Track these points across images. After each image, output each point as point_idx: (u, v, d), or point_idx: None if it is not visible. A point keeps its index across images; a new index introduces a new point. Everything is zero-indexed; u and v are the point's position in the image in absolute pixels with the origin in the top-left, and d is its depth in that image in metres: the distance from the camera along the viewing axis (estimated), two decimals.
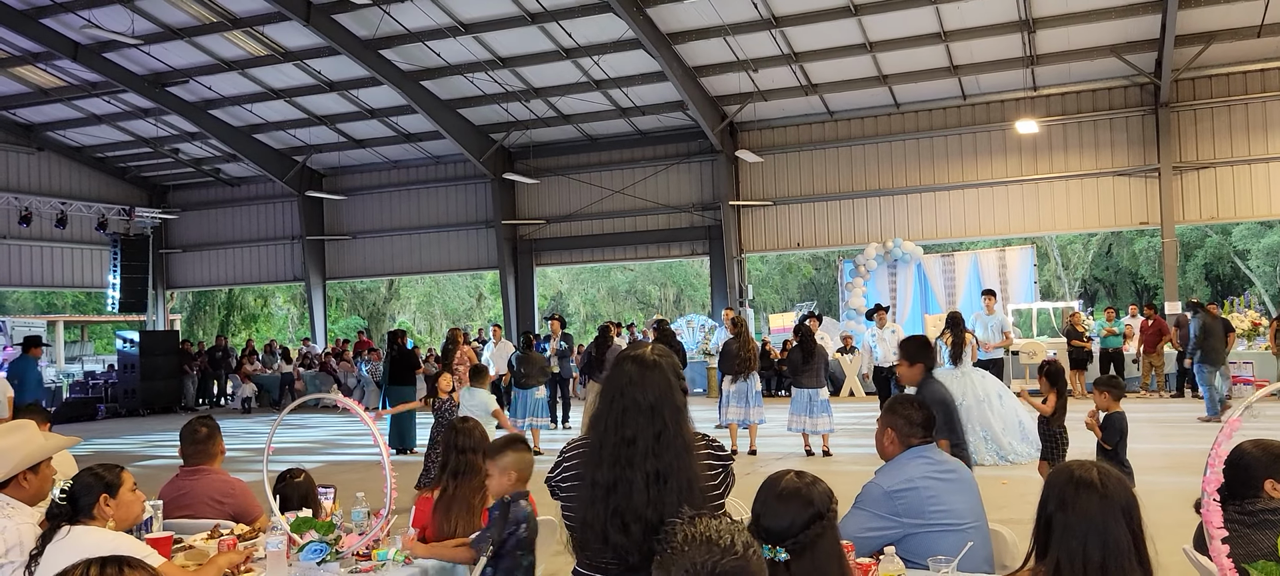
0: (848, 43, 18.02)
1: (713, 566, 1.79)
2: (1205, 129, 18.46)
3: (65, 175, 25.26)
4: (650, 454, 2.76)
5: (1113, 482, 2.42)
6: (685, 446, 2.80)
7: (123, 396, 21.77)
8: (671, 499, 2.69)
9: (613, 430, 2.81)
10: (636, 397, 2.81)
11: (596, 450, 2.84)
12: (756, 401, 11.53)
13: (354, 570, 3.72)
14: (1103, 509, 2.38)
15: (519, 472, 3.82)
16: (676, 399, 2.84)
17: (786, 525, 2.35)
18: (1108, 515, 2.38)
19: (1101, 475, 2.45)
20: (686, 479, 2.75)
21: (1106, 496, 2.40)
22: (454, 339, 13.72)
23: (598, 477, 2.80)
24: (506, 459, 3.83)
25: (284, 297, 40.79)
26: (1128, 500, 2.41)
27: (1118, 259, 36.53)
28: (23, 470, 3.51)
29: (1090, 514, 2.38)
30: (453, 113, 21.40)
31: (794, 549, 2.33)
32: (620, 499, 2.75)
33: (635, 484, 2.74)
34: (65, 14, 18.50)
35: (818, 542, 2.35)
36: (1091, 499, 2.40)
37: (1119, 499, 2.40)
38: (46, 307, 36.08)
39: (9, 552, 3.33)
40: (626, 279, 40.45)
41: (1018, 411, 10.45)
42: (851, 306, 20.36)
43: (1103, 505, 2.39)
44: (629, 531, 2.73)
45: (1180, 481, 8.52)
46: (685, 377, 3.18)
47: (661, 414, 2.80)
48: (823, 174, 21.20)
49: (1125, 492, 2.40)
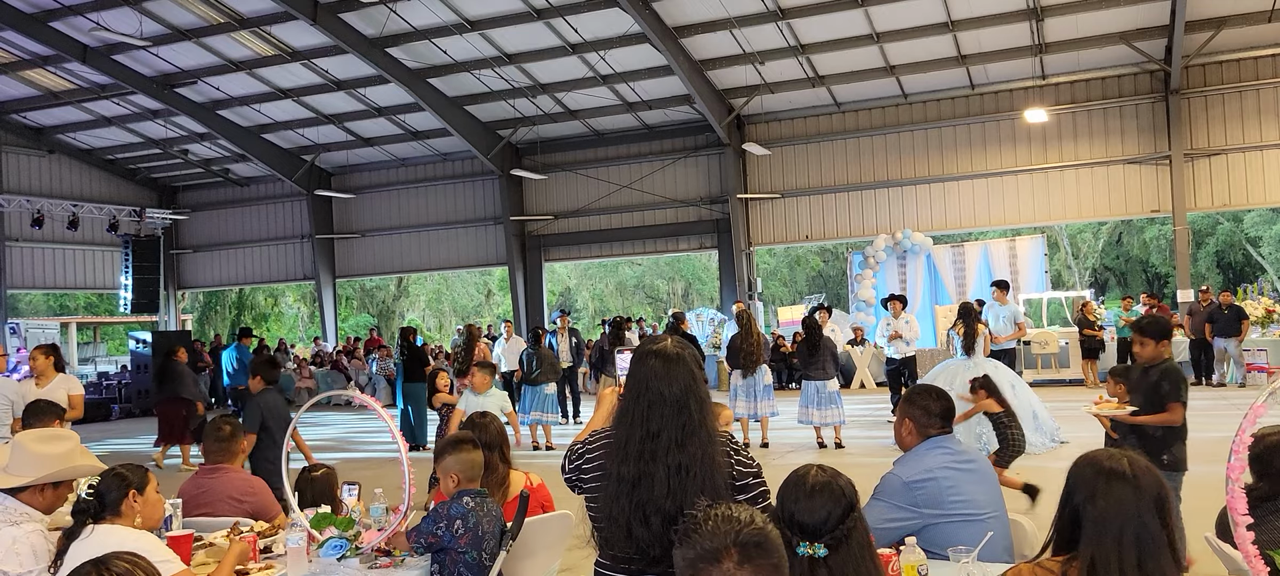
0: (854, 33, 17.96)
1: (735, 535, 1.80)
2: (1216, 115, 18.36)
3: (76, 177, 25.38)
4: (675, 446, 2.76)
5: (1143, 472, 2.32)
6: (709, 437, 2.81)
7: (136, 397, 21.87)
8: (693, 490, 2.70)
9: (638, 424, 2.81)
10: (662, 391, 2.81)
11: (621, 445, 2.84)
12: (766, 394, 11.53)
13: (373, 565, 3.73)
14: (1136, 499, 2.28)
15: (462, 473, 3.80)
16: (701, 390, 2.85)
17: (823, 519, 2.32)
18: (1141, 506, 2.28)
19: (1132, 464, 2.35)
20: (709, 470, 2.76)
21: (1139, 487, 2.30)
22: (471, 335, 13.71)
23: (623, 472, 2.81)
24: (447, 461, 3.83)
25: (294, 296, 40.91)
26: (1159, 490, 2.31)
27: (1128, 247, 36.38)
28: (49, 482, 3.50)
29: (1124, 505, 2.28)
30: (460, 110, 21.41)
31: (832, 543, 2.30)
32: (644, 492, 2.76)
33: (657, 476, 2.75)
34: (74, 17, 18.57)
35: (852, 535, 2.33)
36: (1125, 490, 2.30)
37: (1150, 489, 2.30)
38: (60, 309, 36.26)
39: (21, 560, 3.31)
40: (635, 273, 40.46)
41: (1031, 402, 10.43)
42: (861, 298, 20.33)
43: (1136, 496, 2.29)
44: (650, 524, 2.74)
45: (1199, 470, 8.49)
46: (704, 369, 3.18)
47: (687, 406, 2.80)
48: (831, 166, 21.16)
49: (1156, 482, 2.31)
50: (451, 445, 3.87)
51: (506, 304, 31.11)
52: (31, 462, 3.43)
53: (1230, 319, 15.53)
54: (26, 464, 3.43)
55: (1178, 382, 5.35)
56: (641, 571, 2.82)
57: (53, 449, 3.48)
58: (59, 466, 3.47)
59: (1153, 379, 5.43)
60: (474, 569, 3.62)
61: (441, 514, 3.64)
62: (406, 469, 3.72)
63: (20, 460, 3.44)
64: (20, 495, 3.43)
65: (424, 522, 3.64)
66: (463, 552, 3.60)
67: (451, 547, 3.60)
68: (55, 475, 3.47)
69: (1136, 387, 5.58)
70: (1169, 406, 5.32)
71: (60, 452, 3.49)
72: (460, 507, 3.65)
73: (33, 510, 3.44)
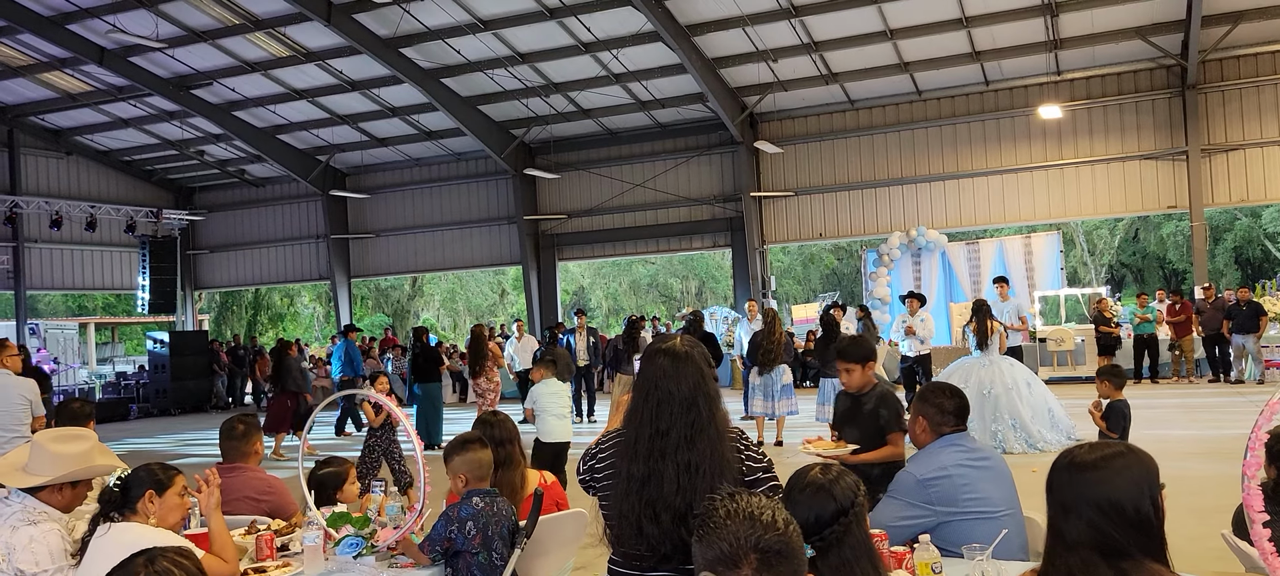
0: (868, 30, 17.91)
1: (756, 541, 1.78)
2: (1233, 110, 18.21)
3: (94, 179, 25.59)
4: (683, 444, 2.79)
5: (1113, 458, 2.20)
6: (718, 434, 2.83)
7: (154, 396, 22.05)
8: (702, 487, 2.71)
9: (648, 422, 2.84)
10: (671, 390, 2.84)
11: (631, 443, 2.87)
12: (784, 393, 11.49)
13: (390, 563, 3.75)
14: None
15: (469, 472, 3.80)
16: (710, 388, 2.87)
17: (811, 520, 2.31)
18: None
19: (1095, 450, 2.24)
20: (718, 467, 2.78)
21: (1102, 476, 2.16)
22: (479, 336, 13.72)
23: (633, 471, 2.83)
24: (455, 462, 3.83)
25: (310, 296, 41.12)
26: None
27: (1145, 243, 36.12)
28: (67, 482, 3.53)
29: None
30: (473, 109, 21.47)
31: (820, 545, 2.30)
32: (653, 490, 2.78)
33: (667, 475, 2.77)
34: (91, 19, 18.72)
35: (844, 538, 2.32)
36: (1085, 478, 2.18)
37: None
38: (78, 310, 36.53)
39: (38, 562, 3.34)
40: (648, 272, 40.46)
41: (1047, 399, 10.38)
42: (875, 296, 20.27)
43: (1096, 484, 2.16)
44: (660, 521, 2.76)
45: (1216, 467, 8.45)
46: (715, 367, 3.19)
47: (696, 404, 2.82)
48: (844, 163, 21.10)
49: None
50: (459, 445, 3.88)
51: (520, 303, 31.17)
52: (50, 462, 3.46)
53: (1248, 315, 15.41)
54: (45, 463, 3.46)
55: (897, 409, 4.80)
56: (653, 569, 2.84)
57: (71, 448, 3.50)
58: (77, 466, 3.49)
59: (868, 408, 4.83)
60: (486, 569, 3.64)
61: (452, 516, 3.65)
62: (422, 467, 3.74)
63: (39, 459, 3.47)
64: (39, 494, 3.46)
65: (436, 529, 3.65)
66: (475, 554, 3.62)
67: (465, 549, 3.61)
68: (73, 474, 3.49)
69: (850, 420, 4.91)
70: (890, 437, 4.74)
71: (79, 452, 3.52)
72: (470, 508, 3.66)
73: (51, 509, 3.47)
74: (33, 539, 3.33)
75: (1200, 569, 2.70)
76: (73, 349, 27.97)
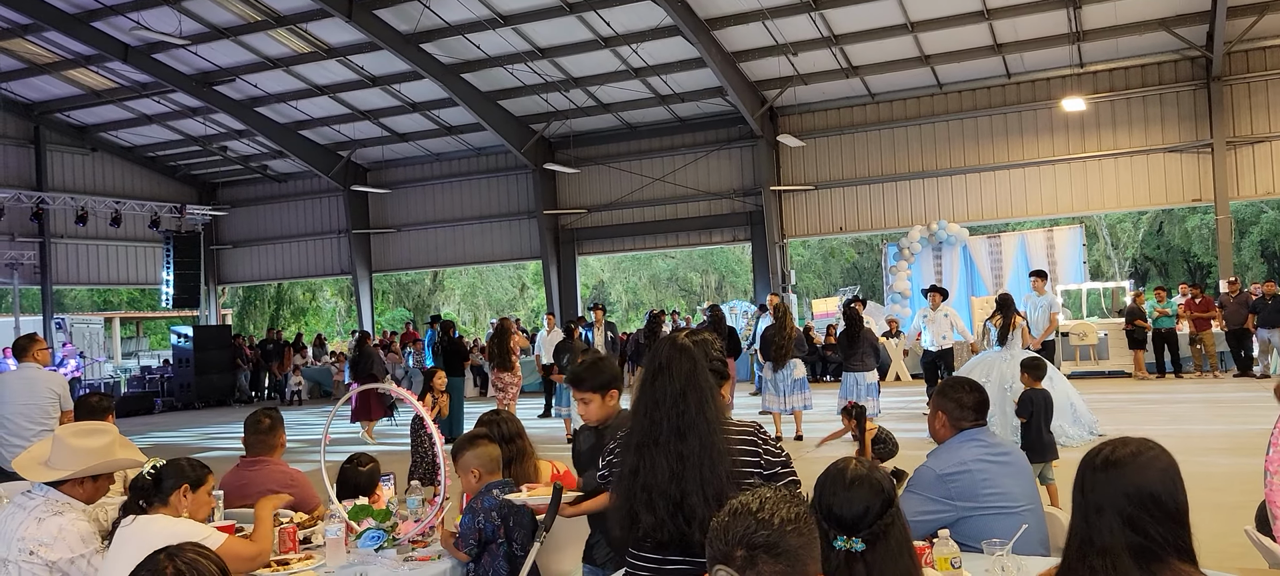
0: (888, 23, 17.81)
1: (742, 535, 1.76)
2: (1259, 102, 17.99)
3: (118, 175, 25.85)
4: (675, 436, 2.88)
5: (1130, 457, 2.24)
6: (710, 427, 2.90)
7: (178, 390, 22.28)
8: (693, 475, 2.82)
9: (643, 415, 2.96)
10: (665, 383, 2.94)
11: (628, 435, 3.01)
12: (798, 388, 11.46)
13: (410, 556, 3.79)
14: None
15: (481, 466, 3.83)
16: (702, 381, 2.95)
17: (861, 512, 2.26)
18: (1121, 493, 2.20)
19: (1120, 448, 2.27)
20: (710, 460, 2.86)
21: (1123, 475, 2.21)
22: (504, 328, 13.71)
23: (629, 461, 2.96)
24: (465, 457, 3.86)
25: (331, 291, 41.39)
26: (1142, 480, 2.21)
27: (1169, 237, 35.73)
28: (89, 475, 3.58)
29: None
30: (493, 104, 21.53)
31: (870, 538, 2.24)
32: (645, 478, 2.89)
33: (659, 464, 2.87)
34: (115, 16, 18.91)
35: (891, 530, 2.27)
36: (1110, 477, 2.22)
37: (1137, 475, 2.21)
38: (103, 304, 36.97)
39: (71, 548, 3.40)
40: (668, 266, 40.44)
41: (1069, 394, 10.30)
42: (896, 290, 20.18)
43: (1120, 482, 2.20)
44: (655, 509, 2.86)
45: (1239, 463, 8.37)
46: (729, 361, 3.24)
47: (686, 397, 2.91)
48: (865, 157, 21.01)
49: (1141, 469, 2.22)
50: (468, 442, 3.92)
51: (540, 297, 31.24)
52: (71, 456, 3.52)
53: (1274, 309, 15.23)
54: (66, 458, 3.52)
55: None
56: (652, 552, 2.94)
57: (92, 443, 3.57)
58: (98, 460, 3.56)
59: (609, 444, 3.72)
60: (509, 559, 3.67)
61: (477, 508, 3.68)
62: (442, 461, 3.77)
63: (61, 454, 3.53)
64: (62, 487, 3.53)
65: (464, 524, 3.69)
66: (501, 543, 3.66)
67: (493, 540, 3.65)
68: (94, 468, 3.55)
69: (593, 460, 3.72)
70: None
71: (99, 446, 3.58)
72: (491, 499, 3.69)
73: (74, 500, 3.54)
74: (62, 529, 3.40)
75: (1222, 566, 2.68)
76: (98, 343, 28.33)
